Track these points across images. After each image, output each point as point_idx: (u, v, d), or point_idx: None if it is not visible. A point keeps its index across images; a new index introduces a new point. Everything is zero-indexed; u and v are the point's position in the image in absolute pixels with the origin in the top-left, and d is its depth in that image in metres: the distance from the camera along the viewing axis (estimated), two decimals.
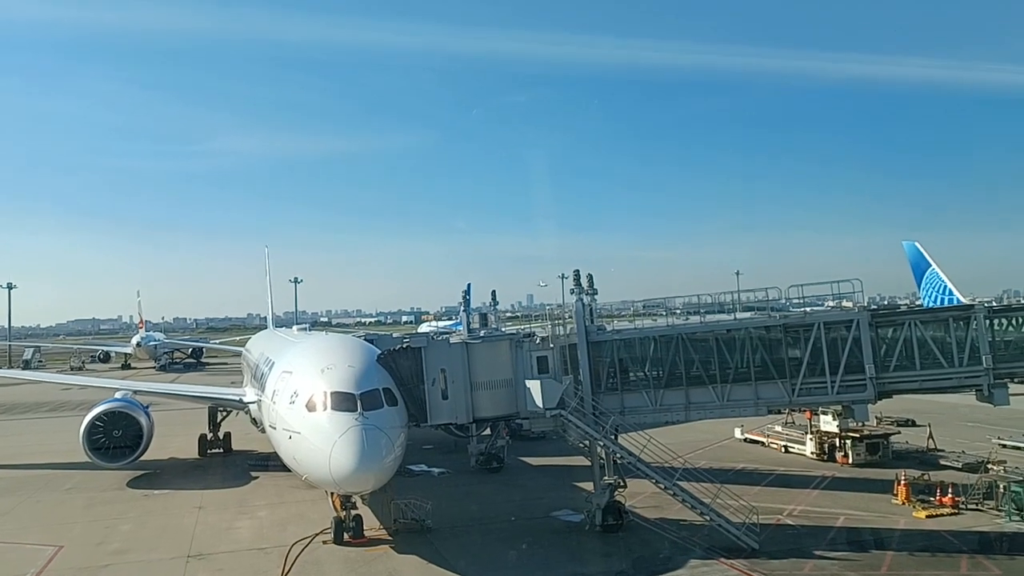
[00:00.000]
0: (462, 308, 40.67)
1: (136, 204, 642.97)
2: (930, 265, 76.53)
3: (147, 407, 47.18)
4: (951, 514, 33.83)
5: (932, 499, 35.20)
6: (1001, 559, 28.38)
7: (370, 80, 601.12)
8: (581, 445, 33.84)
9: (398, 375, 31.92)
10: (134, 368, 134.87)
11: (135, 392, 50.58)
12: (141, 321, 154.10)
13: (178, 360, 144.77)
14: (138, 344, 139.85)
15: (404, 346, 33.30)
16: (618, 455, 32.14)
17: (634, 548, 30.48)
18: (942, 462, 43.07)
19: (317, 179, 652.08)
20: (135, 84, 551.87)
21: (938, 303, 69.00)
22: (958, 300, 66.67)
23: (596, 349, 33.72)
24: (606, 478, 33.22)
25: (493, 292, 41.92)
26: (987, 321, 31.40)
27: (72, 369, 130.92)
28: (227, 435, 53.94)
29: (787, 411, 48.34)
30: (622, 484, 33.38)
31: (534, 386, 32.00)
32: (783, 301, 34.17)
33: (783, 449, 48.75)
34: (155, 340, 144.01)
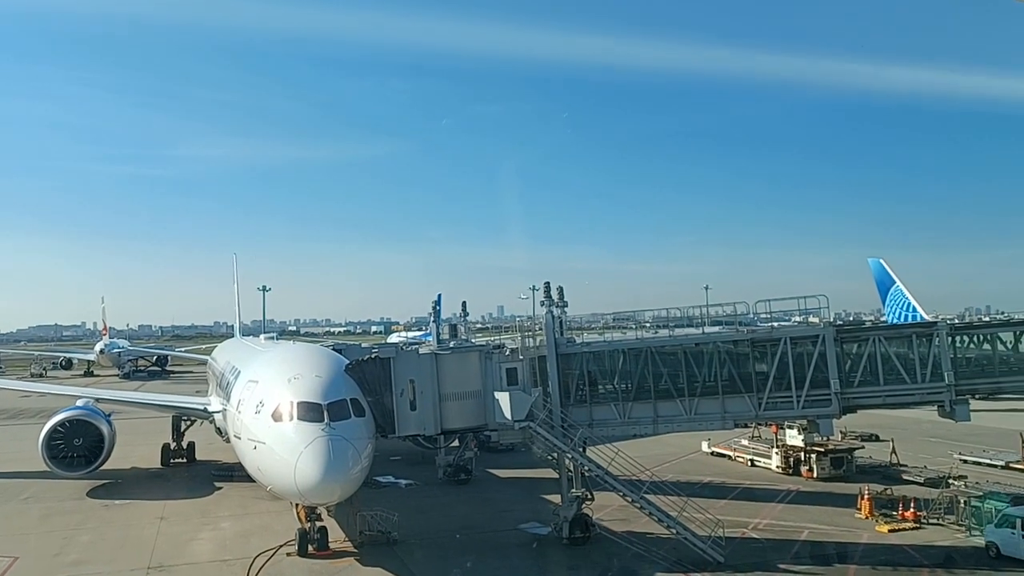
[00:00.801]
0: (432, 319, 40.48)
1: (101, 209, 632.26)
2: (895, 282, 78.09)
3: (109, 415, 46.47)
4: (913, 528, 34.28)
5: (895, 513, 35.63)
6: (961, 573, 28.83)
7: (340, 88, 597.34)
8: (549, 457, 33.82)
9: (366, 385, 31.64)
10: (97, 376, 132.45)
11: (97, 400, 49.80)
12: (105, 328, 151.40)
13: (142, 368, 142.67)
14: (101, 351, 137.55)
15: (373, 356, 33.07)
16: (586, 468, 32.20)
17: (600, 561, 30.52)
18: (905, 477, 43.63)
19: (287, 187, 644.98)
20: (98, 87, 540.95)
21: (902, 320, 70.44)
22: (921, 317, 68.05)
23: (565, 361, 33.80)
24: (574, 491, 33.22)
25: (463, 303, 41.79)
26: (949, 338, 31.95)
27: (32, 376, 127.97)
28: (191, 445, 53.24)
29: (754, 425, 48.73)
30: (589, 497, 33.42)
31: (503, 398, 31.91)
32: (751, 316, 34.57)
33: (749, 463, 49.13)
34: (119, 347, 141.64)
